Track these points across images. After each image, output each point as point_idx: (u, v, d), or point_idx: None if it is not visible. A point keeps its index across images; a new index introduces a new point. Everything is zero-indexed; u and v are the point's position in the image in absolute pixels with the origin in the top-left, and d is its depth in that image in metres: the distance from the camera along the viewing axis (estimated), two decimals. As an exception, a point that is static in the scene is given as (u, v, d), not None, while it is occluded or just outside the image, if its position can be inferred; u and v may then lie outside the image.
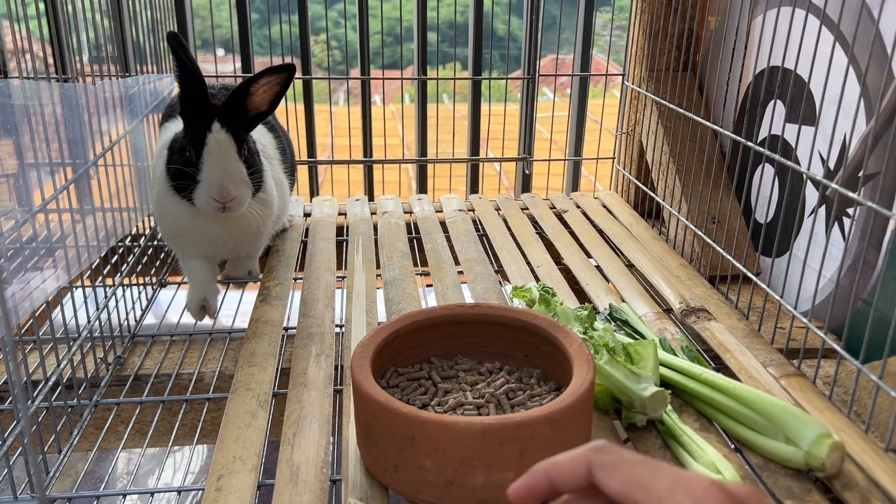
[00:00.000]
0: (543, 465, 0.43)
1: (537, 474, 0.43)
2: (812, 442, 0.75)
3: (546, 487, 0.43)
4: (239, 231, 1.14)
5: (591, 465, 0.41)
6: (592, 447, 0.42)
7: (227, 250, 1.21)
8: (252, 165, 1.08)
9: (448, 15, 1.71)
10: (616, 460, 0.41)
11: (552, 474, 0.43)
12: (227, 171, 1.03)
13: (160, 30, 1.40)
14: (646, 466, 0.40)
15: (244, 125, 1.07)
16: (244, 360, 0.99)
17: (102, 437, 0.95)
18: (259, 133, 1.25)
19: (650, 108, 1.58)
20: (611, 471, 0.40)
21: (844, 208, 1.10)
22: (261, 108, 1.07)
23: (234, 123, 1.04)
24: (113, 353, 1.07)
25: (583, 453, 0.42)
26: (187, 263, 1.19)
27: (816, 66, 1.04)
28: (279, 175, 1.26)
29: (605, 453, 0.42)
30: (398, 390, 0.82)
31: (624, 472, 0.40)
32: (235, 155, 1.04)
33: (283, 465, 0.77)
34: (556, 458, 0.43)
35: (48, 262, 0.91)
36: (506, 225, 1.54)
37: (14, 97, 0.87)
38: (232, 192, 1.03)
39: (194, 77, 1.03)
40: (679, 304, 1.16)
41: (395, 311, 1.13)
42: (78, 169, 0.97)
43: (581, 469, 0.42)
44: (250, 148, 1.08)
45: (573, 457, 0.42)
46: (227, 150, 1.03)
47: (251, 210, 1.10)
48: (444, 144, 1.80)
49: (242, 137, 1.05)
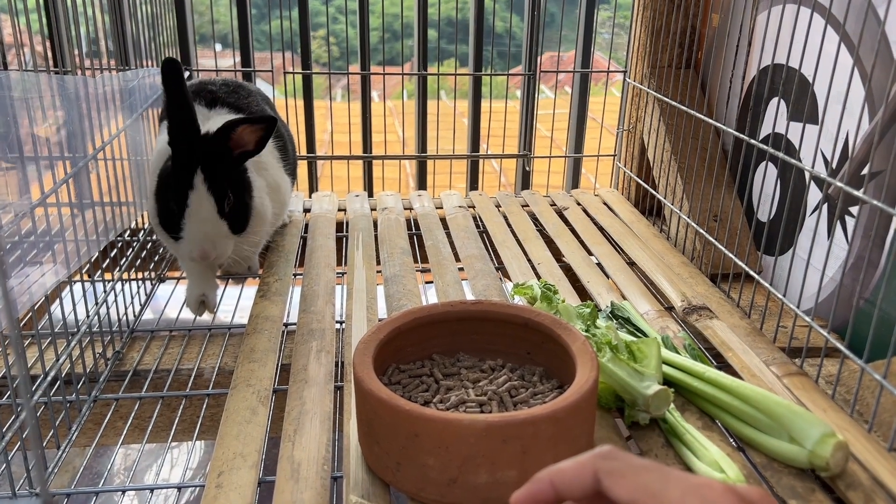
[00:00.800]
0: (547, 473, 0.42)
1: (541, 482, 0.42)
2: (816, 441, 0.75)
3: (550, 495, 0.42)
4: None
5: (598, 472, 0.40)
6: (598, 454, 0.41)
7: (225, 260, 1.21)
8: (239, 212, 1.08)
9: (448, 11, 1.71)
10: (624, 467, 0.40)
11: (557, 482, 0.42)
12: (206, 234, 1.04)
13: (159, 24, 1.39)
14: (655, 472, 0.39)
15: (230, 166, 1.07)
16: (244, 355, 0.99)
17: (101, 433, 0.95)
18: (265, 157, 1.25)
19: (652, 105, 1.57)
20: (619, 478, 0.39)
21: (847, 207, 1.10)
22: (247, 147, 1.07)
23: (217, 170, 1.04)
24: (112, 349, 1.06)
25: (588, 460, 0.41)
26: (185, 261, 1.19)
27: (821, 64, 1.04)
28: (277, 179, 1.26)
29: (611, 460, 0.41)
30: (400, 387, 0.81)
31: (633, 480, 0.39)
32: (216, 215, 1.04)
33: (284, 462, 0.77)
34: (560, 465, 0.42)
35: (47, 256, 0.90)
36: (506, 222, 1.53)
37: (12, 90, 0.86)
38: (210, 253, 1.05)
39: (184, 110, 1.02)
40: (681, 302, 1.15)
41: (395, 307, 1.12)
42: (76, 162, 0.96)
43: (587, 477, 0.41)
44: (239, 193, 1.08)
45: (578, 464, 0.41)
46: (207, 211, 1.04)
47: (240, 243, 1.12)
48: (443, 141, 1.79)
49: (225, 187, 1.05)
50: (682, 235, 1.40)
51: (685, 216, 1.37)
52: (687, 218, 1.36)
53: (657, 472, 0.39)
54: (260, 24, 2.10)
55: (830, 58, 0.99)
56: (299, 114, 1.76)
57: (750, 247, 1.29)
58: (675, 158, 1.46)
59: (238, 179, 1.09)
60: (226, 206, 1.05)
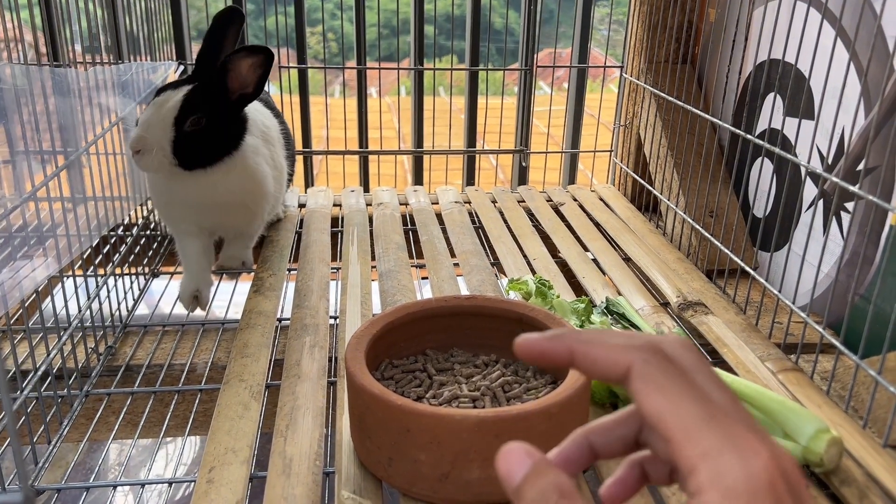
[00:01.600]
0: (573, 339, 0.36)
1: (560, 343, 0.36)
2: (810, 437, 0.75)
3: (563, 360, 0.36)
4: (219, 200, 1.12)
5: (632, 370, 0.33)
6: (641, 349, 0.34)
7: (217, 222, 1.19)
8: (202, 141, 1.05)
9: (445, 7, 1.70)
10: (663, 381, 0.32)
11: (580, 355, 0.35)
12: (147, 125, 1.03)
13: (155, 19, 1.38)
14: (697, 405, 0.31)
15: (222, 102, 1.06)
16: (237, 351, 0.98)
17: (93, 428, 0.94)
18: (265, 117, 1.25)
19: (648, 100, 1.57)
20: (654, 391, 0.32)
21: (843, 202, 1.10)
22: (247, 88, 1.06)
23: (203, 95, 1.03)
24: (104, 343, 1.05)
25: (626, 352, 0.34)
26: (183, 247, 1.18)
27: (817, 60, 1.03)
28: (279, 160, 1.25)
29: (652, 366, 0.33)
30: (393, 382, 0.81)
31: (669, 400, 0.32)
32: (171, 118, 1.02)
33: (276, 457, 0.76)
34: (591, 337, 0.35)
35: (39, 250, 0.90)
36: (502, 217, 1.53)
37: (5, 83, 0.86)
38: (137, 145, 1.02)
39: (212, 44, 1.05)
40: (676, 297, 1.15)
41: (389, 302, 1.12)
42: (69, 156, 0.95)
43: (618, 369, 0.34)
44: (216, 124, 1.06)
45: (613, 348, 0.34)
46: (165, 109, 1.02)
47: (223, 182, 1.09)
48: (440, 137, 1.79)
49: (202, 110, 1.03)
50: (678, 231, 1.39)
51: (681, 212, 1.37)
52: (683, 214, 1.36)
53: (700, 405, 0.31)
54: (257, 19, 2.09)
55: (826, 53, 0.99)
56: (295, 109, 1.75)
57: (746, 242, 1.28)
58: (671, 154, 1.46)
59: (227, 119, 1.08)
60: (191, 122, 1.03)
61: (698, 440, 0.30)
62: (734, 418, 0.31)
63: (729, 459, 0.29)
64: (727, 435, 0.30)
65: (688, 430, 0.31)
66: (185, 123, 1.03)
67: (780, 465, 0.30)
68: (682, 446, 0.31)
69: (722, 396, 0.32)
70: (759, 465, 0.29)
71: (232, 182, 1.11)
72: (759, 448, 0.30)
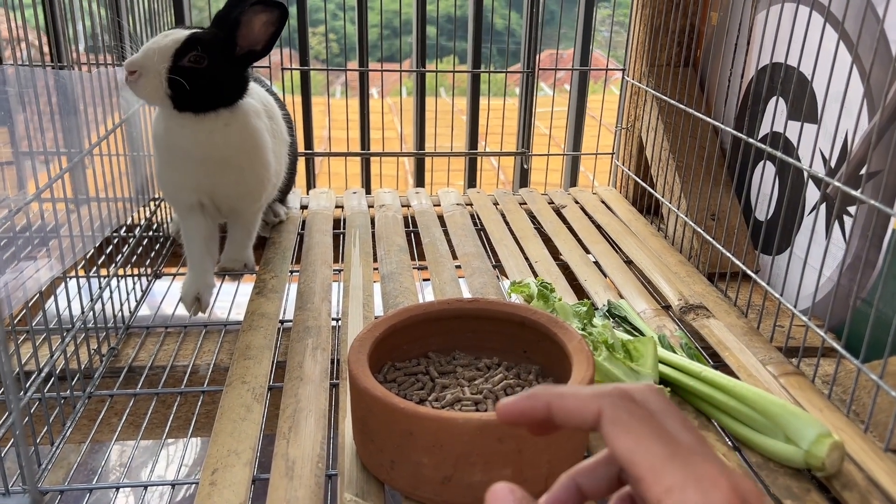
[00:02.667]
0: (547, 394, 0.37)
1: (537, 400, 0.37)
2: (812, 441, 0.75)
3: (542, 416, 0.37)
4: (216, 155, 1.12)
5: (602, 416, 0.35)
6: (610, 395, 0.36)
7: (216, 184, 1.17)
8: (198, 76, 1.04)
9: (447, 8, 1.70)
10: (631, 424, 0.35)
11: (555, 407, 0.37)
12: (145, 52, 1.03)
13: (158, 20, 1.39)
14: (662, 444, 0.34)
15: (229, 53, 1.06)
16: (239, 352, 0.98)
17: (96, 429, 0.94)
18: (268, 97, 1.25)
19: (650, 103, 1.57)
20: (622, 433, 0.35)
21: (845, 206, 1.10)
22: (255, 45, 1.06)
23: (209, 39, 1.04)
24: (107, 345, 1.06)
25: (596, 398, 0.36)
26: (186, 233, 1.18)
27: (819, 63, 1.04)
28: (282, 134, 1.27)
29: (621, 410, 0.35)
30: (395, 385, 0.81)
31: (637, 441, 0.34)
32: (171, 49, 1.02)
33: (279, 460, 0.77)
34: (564, 390, 0.37)
35: (42, 251, 0.90)
36: (504, 219, 1.53)
37: (9, 84, 0.86)
38: (131, 65, 1.03)
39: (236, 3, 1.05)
40: (678, 300, 1.15)
41: (392, 305, 1.12)
42: (73, 158, 0.95)
43: (589, 414, 0.36)
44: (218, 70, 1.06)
45: (584, 397, 0.36)
46: (168, 40, 1.03)
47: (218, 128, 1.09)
48: (441, 138, 1.79)
49: (202, 49, 1.03)
50: (680, 234, 1.39)
51: (683, 215, 1.37)
52: (685, 217, 1.36)
53: (667, 444, 0.34)
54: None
55: (829, 56, 0.99)
56: (297, 110, 1.75)
57: (747, 246, 1.28)
58: (673, 157, 1.46)
59: (229, 69, 1.08)
60: (191, 57, 1.03)
61: (663, 477, 0.32)
62: (698, 455, 0.33)
63: (692, 494, 0.32)
64: (690, 471, 0.32)
65: (654, 468, 0.33)
66: (184, 58, 1.03)
67: (741, 495, 0.32)
68: (648, 484, 0.33)
69: (688, 436, 0.35)
70: (720, 496, 0.32)
71: (230, 135, 1.10)
72: (719, 481, 0.32)
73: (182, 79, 1.03)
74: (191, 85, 1.04)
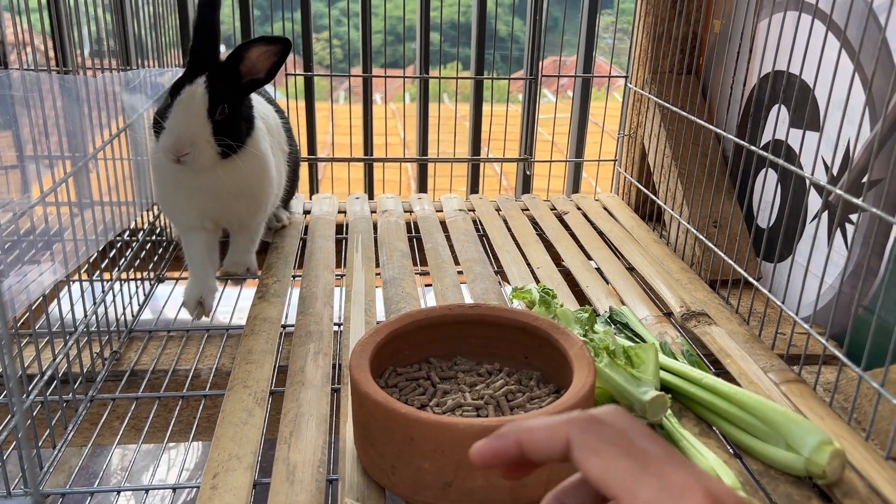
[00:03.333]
0: (516, 431, 0.38)
1: (507, 439, 0.38)
2: (813, 449, 0.75)
3: (515, 454, 0.38)
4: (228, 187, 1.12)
5: (571, 442, 0.36)
6: (576, 421, 0.37)
7: (220, 210, 1.18)
8: (231, 127, 1.06)
9: (451, 15, 1.71)
10: (600, 445, 0.36)
11: (525, 442, 0.38)
12: (187, 126, 1.03)
13: (161, 25, 1.39)
14: (632, 460, 0.35)
15: (236, 88, 1.06)
16: (241, 357, 0.99)
17: (97, 433, 0.95)
18: (268, 110, 1.26)
19: (653, 110, 1.57)
20: (592, 456, 0.35)
21: (847, 214, 1.10)
22: (258, 74, 1.07)
23: (221, 83, 1.04)
24: (109, 348, 1.06)
25: (563, 426, 0.37)
26: (189, 247, 1.18)
27: (821, 71, 1.04)
28: (278, 153, 1.27)
29: (588, 433, 0.36)
30: (396, 390, 0.81)
31: (607, 463, 0.35)
32: (204, 111, 1.03)
33: (280, 464, 0.77)
34: (531, 423, 0.38)
35: (46, 255, 0.90)
36: (506, 225, 1.53)
37: (14, 88, 0.86)
38: (185, 146, 1.02)
39: (208, 33, 1.04)
40: (679, 307, 1.15)
41: (393, 310, 1.12)
42: (77, 162, 0.96)
43: (558, 444, 0.37)
44: (237, 110, 1.07)
45: (551, 427, 0.37)
46: (197, 104, 1.02)
47: (234, 169, 1.09)
48: (444, 144, 1.79)
49: (224, 97, 1.04)
50: (682, 241, 1.39)
51: (685, 222, 1.37)
52: (687, 224, 1.36)
53: (635, 459, 0.35)
54: (263, 25, 2.10)
55: (831, 64, 0.99)
56: (301, 115, 1.76)
57: (749, 253, 1.28)
58: (675, 164, 1.46)
59: (241, 104, 1.08)
60: (218, 111, 1.04)
61: (637, 493, 0.33)
62: (669, 465, 0.34)
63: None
64: (662, 482, 0.33)
65: (626, 486, 0.34)
66: (216, 115, 1.04)
67: (715, 498, 0.33)
68: (624, 501, 0.34)
69: (657, 448, 0.35)
70: (694, 501, 0.33)
71: (241, 168, 1.11)
72: (693, 487, 0.33)
73: (223, 136, 1.05)
74: (230, 135, 1.05)
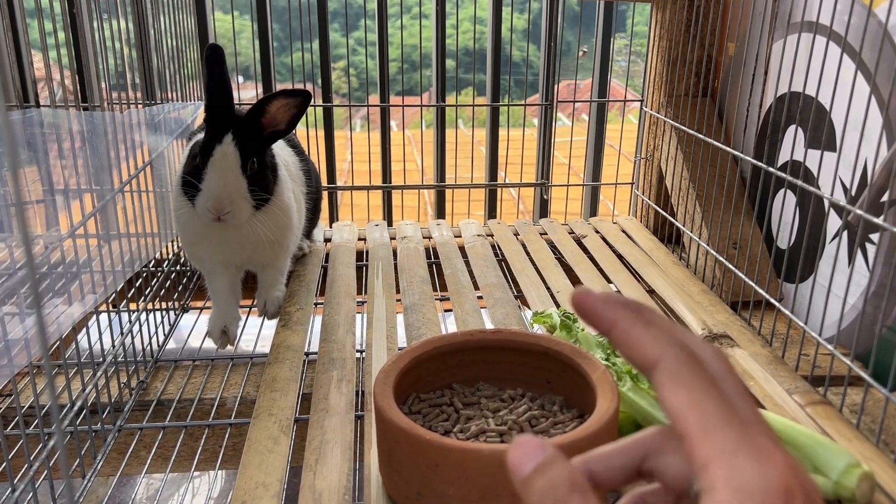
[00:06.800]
0: (622, 313, 0.35)
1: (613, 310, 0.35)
2: (841, 472, 0.74)
3: (607, 326, 0.35)
4: (253, 239, 1.14)
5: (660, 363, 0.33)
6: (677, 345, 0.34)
7: (245, 258, 1.21)
8: (261, 180, 1.08)
9: (466, 42, 1.73)
10: (690, 379, 0.33)
11: (619, 329, 0.35)
12: (225, 185, 1.05)
13: (182, 58, 1.42)
14: (720, 408, 0.31)
15: (260, 141, 1.08)
16: (266, 385, 1.00)
17: (125, 462, 0.96)
18: (286, 154, 1.27)
19: (669, 133, 1.58)
20: (678, 385, 0.32)
21: (868, 234, 1.10)
22: (278, 126, 1.09)
23: (247, 138, 1.06)
24: (136, 378, 1.07)
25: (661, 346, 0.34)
26: (212, 283, 1.20)
27: (837, 93, 1.04)
28: (299, 193, 1.28)
29: (682, 365, 0.33)
30: (420, 416, 0.82)
31: (692, 397, 0.32)
32: (238, 169, 1.05)
33: (306, 492, 0.77)
34: (637, 319, 0.35)
35: (74, 286, 0.92)
36: (525, 250, 1.54)
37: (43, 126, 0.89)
38: (226, 206, 1.04)
39: (222, 89, 1.06)
40: (701, 330, 1.15)
41: (415, 336, 1.13)
42: (103, 195, 0.98)
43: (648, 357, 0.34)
44: (263, 162, 1.09)
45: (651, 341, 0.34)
46: (230, 163, 1.05)
47: (261, 220, 1.11)
48: (462, 170, 1.81)
49: (252, 152, 1.06)
50: (702, 263, 1.39)
51: (704, 244, 1.37)
52: (706, 245, 1.36)
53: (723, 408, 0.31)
54: (281, 56, 2.14)
55: (847, 86, 1.00)
56: (320, 144, 1.78)
57: (770, 274, 1.28)
58: (693, 186, 1.46)
59: (266, 156, 1.11)
60: (248, 166, 1.06)
61: (715, 438, 0.30)
62: (755, 426, 0.31)
63: (745, 461, 0.29)
64: (745, 438, 0.30)
65: (706, 428, 0.31)
66: (247, 169, 1.06)
67: (800, 480, 0.30)
68: (698, 442, 0.31)
69: (745, 405, 0.32)
70: (775, 472, 0.29)
71: (269, 217, 1.13)
72: (776, 457, 0.30)
73: (256, 189, 1.07)
74: (261, 188, 1.08)
